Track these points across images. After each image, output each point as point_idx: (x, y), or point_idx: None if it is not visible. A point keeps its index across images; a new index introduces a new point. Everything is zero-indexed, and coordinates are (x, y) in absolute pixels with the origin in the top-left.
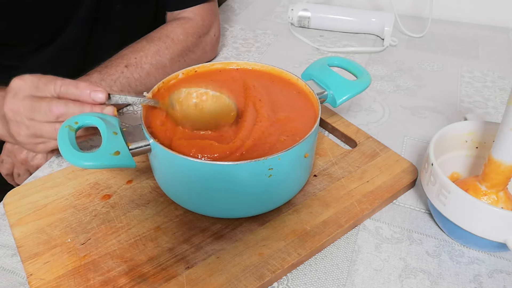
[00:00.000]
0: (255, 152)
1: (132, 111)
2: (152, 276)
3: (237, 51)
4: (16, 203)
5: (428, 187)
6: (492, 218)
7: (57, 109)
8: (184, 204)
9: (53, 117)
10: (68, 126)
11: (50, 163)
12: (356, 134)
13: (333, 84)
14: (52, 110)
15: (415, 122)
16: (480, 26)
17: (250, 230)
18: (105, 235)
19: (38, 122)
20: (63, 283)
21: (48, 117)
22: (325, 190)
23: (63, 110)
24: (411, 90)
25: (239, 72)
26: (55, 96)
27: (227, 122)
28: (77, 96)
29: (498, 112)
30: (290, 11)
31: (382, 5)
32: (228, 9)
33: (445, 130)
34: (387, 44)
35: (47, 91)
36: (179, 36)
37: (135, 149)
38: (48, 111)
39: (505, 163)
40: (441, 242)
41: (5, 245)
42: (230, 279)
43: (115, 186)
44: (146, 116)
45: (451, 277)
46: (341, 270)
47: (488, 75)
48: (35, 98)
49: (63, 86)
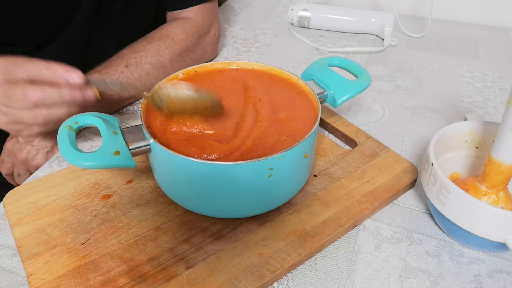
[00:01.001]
0: (255, 152)
1: (132, 111)
2: (152, 276)
3: (237, 51)
4: (16, 203)
5: (428, 187)
6: (492, 218)
7: (33, 96)
8: (184, 204)
9: (30, 104)
10: (68, 126)
11: (50, 163)
12: (356, 134)
13: (333, 84)
14: (28, 98)
15: (415, 122)
16: (480, 26)
17: (250, 230)
18: (105, 235)
19: (16, 109)
20: (63, 283)
21: (25, 104)
22: (325, 190)
23: (39, 96)
24: (411, 90)
25: (239, 72)
26: (28, 80)
27: (216, 114)
28: (51, 78)
29: (498, 112)
30: (290, 11)
31: (382, 5)
32: (228, 9)
33: (445, 130)
34: (387, 44)
35: (17, 75)
36: (179, 36)
37: (135, 149)
38: (24, 99)
39: (505, 163)
40: (441, 242)
41: (5, 245)
42: (230, 279)
43: (115, 186)
44: (146, 116)
45: (451, 277)
46: (341, 270)
47: (488, 75)
48: (8, 84)
49: (34, 69)
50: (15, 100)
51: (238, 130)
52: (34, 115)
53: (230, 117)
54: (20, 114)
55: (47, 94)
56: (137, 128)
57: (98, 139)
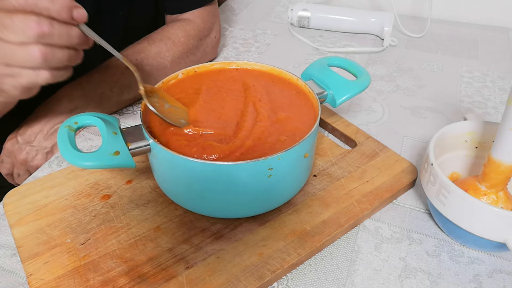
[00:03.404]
0: (255, 152)
1: (132, 111)
2: (152, 276)
3: (237, 51)
4: (16, 203)
5: (428, 187)
6: (492, 218)
7: (38, 27)
8: (184, 204)
9: (32, 36)
10: (68, 126)
11: (50, 163)
12: (356, 134)
13: (333, 84)
14: (30, 27)
15: (415, 122)
16: (480, 26)
17: (250, 230)
18: (104, 235)
19: (9, 43)
20: (63, 283)
21: (25, 36)
22: (325, 190)
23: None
24: (411, 90)
25: (239, 72)
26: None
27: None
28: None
29: (498, 112)
30: (290, 11)
31: (382, 5)
32: (228, 9)
33: (445, 130)
34: (386, 44)
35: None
36: (180, 38)
37: (135, 149)
38: (25, 28)
39: (504, 163)
40: (441, 242)
41: (5, 245)
42: (230, 279)
43: (115, 186)
44: (146, 116)
45: (451, 277)
46: (341, 270)
47: (488, 75)
48: (3, 11)
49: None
50: (12, 29)
51: (238, 130)
52: (28, 54)
53: (230, 117)
54: (13, 49)
55: (55, 29)
56: (137, 128)
57: (98, 139)
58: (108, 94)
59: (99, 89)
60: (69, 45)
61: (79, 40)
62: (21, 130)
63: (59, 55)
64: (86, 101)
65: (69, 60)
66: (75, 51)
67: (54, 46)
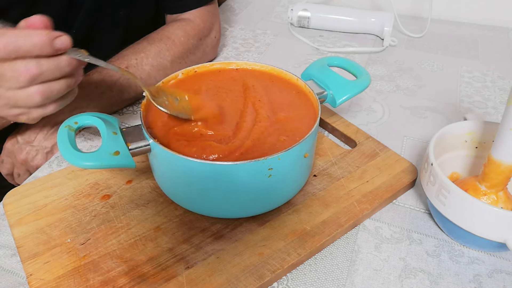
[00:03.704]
0: (255, 152)
1: (132, 111)
2: (152, 276)
3: (237, 51)
4: (16, 203)
5: (428, 187)
6: (492, 218)
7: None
8: (184, 204)
9: (24, 81)
10: (68, 126)
11: (50, 163)
12: (356, 134)
13: (333, 84)
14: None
15: (415, 122)
16: (480, 26)
17: (250, 230)
18: (104, 235)
19: (8, 89)
20: (63, 283)
21: (18, 82)
22: (325, 190)
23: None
24: (411, 90)
25: (239, 72)
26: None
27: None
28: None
29: (498, 112)
30: (290, 11)
31: (382, 5)
32: (228, 9)
33: (445, 130)
34: (386, 44)
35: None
36: (180, 38)
37: (135, 149)
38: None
39: (504, 163)
40: (441, 242)
41: (5, 245)
42: (230, 279)
43: (115, 186)
44: (146, 116)
45: (451, 277)
46: (341, 270)
47: (488, 75)
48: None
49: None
50: (6, 78)
51: (237, 130)
52: (27, 95)
53: (230, 117)
54: (14, 94)
55: (43, 66)
56: (137, 128)
57: (98, 139)
58: (108, 94)
59: (99, 89)
60: (63, 75)
61: (70, 68)
62: (21, 130)
63: (57, 88)
64: (86, 101)
65: (68, 87)
66: (71, 77)
67: (49, 81)
